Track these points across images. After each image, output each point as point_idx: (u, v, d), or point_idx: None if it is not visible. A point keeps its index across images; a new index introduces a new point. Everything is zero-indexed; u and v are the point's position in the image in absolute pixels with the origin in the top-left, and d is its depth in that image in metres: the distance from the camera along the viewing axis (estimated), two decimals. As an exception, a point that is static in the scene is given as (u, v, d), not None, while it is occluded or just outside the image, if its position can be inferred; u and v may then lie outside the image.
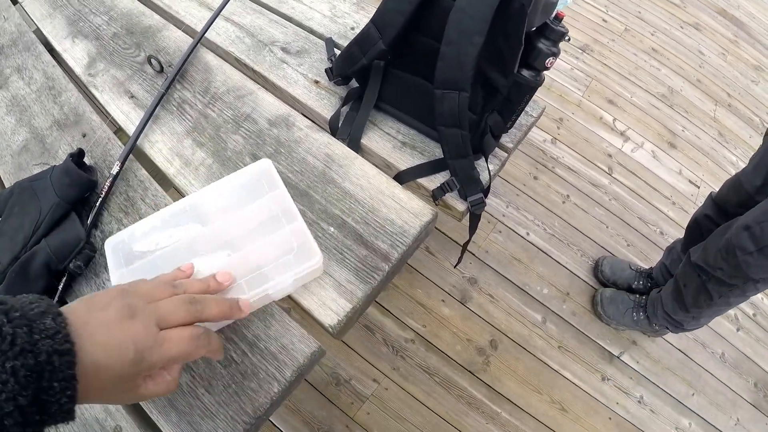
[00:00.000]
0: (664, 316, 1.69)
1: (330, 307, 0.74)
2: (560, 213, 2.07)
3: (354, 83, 1.36)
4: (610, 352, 1.84)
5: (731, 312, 1.97)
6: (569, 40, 1.12)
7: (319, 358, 0.73)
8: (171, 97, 0.99)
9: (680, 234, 2.07)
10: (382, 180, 0.84)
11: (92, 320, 0.48)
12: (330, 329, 0.73)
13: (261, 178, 0.80)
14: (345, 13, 1.53)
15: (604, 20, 2.87)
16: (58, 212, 0.81)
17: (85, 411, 0.71)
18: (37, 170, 0.93)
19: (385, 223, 0.80)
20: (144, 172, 0.88)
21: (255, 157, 0.85)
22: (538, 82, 1.11)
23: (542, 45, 1.07)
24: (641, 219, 2.13)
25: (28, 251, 0.77)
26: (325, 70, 1.30)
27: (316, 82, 1.30)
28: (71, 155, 0.86)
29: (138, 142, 0.91)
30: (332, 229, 0.79)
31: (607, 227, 2.07)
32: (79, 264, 0.78)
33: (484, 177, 1.18)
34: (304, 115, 0.94)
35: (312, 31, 1.50)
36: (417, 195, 0.86)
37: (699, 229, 1.65)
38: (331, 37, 1.44)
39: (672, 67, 2.69)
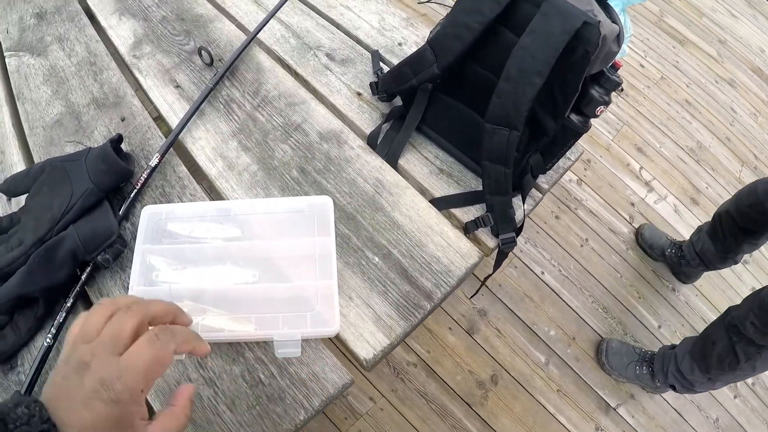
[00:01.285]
0: (676, 374, 1.68)
1: (367, 340, 0.72)
2: (577, 256, 2.06)
3: (397, 101, 1.34)
4: (607, 402, 1.83)
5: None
6: (623, 90, 1.11)
7: (346, 389, 0.72)
8: (219, 93, 0.97)
9: (694, 295, 2.08)
10: (431, 214, 0.82)
11: (60, 393, 0.44)
12: (364, 363, 0.71)
13: (315, 216, 0.79)
14: (393, 27, 1.52)
15: (641, 65, 2.87)
16: (90, 199, 0.78)
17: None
18: (69, 148, 0.91)
19: (431, 260, 0.79)
20: (183, 168, 0.86)
21: (303, 171, 0.84)
22: (585, 129, 1.10)
23: (595, 92, 1.06)
24: (655, 272, 2.12)
25: (55, 236, 0.75)
26: (370, 84, 1.28)
27: (359, 94, 1.28)
28: (111, 141, 0.84)
29: (180, 136, 0.90)
30: (377, 259, 0.78)
31: (621, 276, 2.07)
32: (107, 257, 0.75)
33: (517, 216, 1.17)
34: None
35: (359, 41, 1.48)
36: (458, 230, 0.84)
37: (720, 220, 1.83)
38: (378, 50, 1.42)
39: (703, 121, 2.69)
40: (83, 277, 0.75)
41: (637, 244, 2.16)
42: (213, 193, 0.83)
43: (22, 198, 0.84)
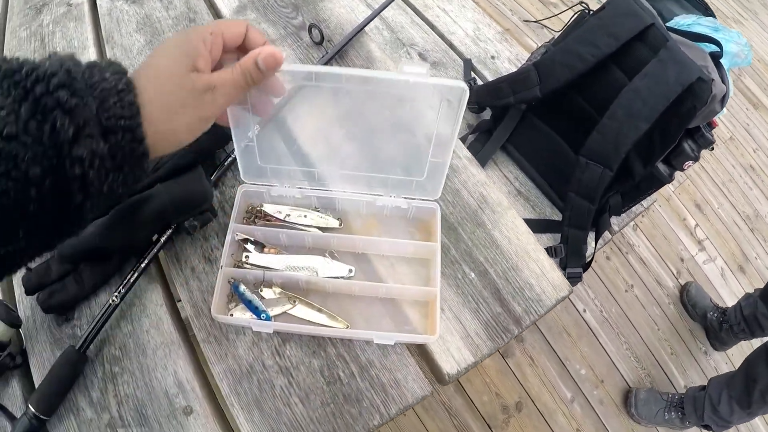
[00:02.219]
0: (713, 416, 1.63)
1: (453, 354, 0.67)
2: (620, 300, 1.99)
3: (485, 114, 1.30)
4: (621, 452, 1.76)
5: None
6: (713, 150, 1.06)
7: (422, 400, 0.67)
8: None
9: (724, 362, 2.02)
10: (530, 240, 0.77)
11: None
12: (446, 377, 0.67)
13: (420, 220, 0.75)
14: (488, 39, 1.47)
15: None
16: (184, 160, 0.72)
17: (156, 383, 0.65)
18: None
19: (524, 285, 0.73)
20: (282, 145, 0.81)
21: (408, 172, 0.78)
22: (669, 180, 1.06)
23: (688, 146, 1.02)
24: (691, 332, 2.04)
25: (140, 193, 0.69)
26: (461, 93, 1.24)
27: (448, 101, 1.23)
28: None
29: (281, 111, 0.84)
30: (473, 275, 0.73)
31: (658, 329, 1.99)
32: (194, 224, 0.70)
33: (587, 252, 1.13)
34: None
35: (452, 46, 1.43)
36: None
37: None
38: (470, 59, 1.38)
39: (764, 189, 2.58)
40: (162, 239, 0.70)
41: (680, 301, 2.07)
42: (310, 172, 0.78)
43: None
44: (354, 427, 0.63)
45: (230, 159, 0.78)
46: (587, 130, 1.01)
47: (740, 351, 2.02)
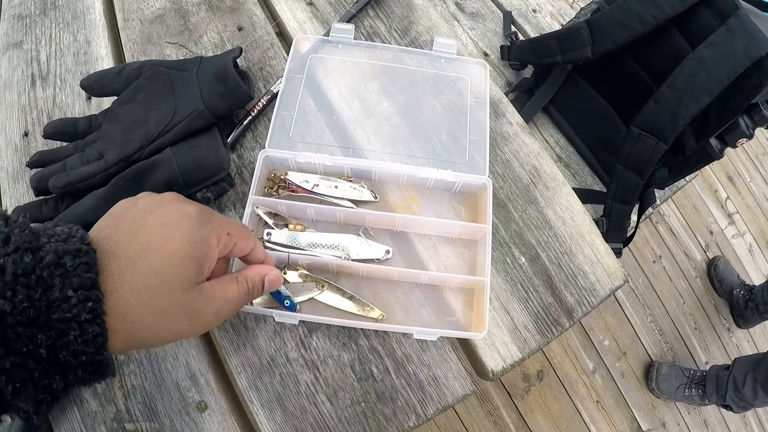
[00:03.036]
0: (734, 397, 1.57)
1: (498, 349, 0.58)
2: (648, 271, 1.90)
3: (526, 72, 1.18)
4: (639, 425, 1.72)
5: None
6: None
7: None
8: (361, 22, 0.80)
9: (746, 340, 1.98)
10: (585, 221, 0.66)
11: (117, 221, 0.36)
12: (490, 374, 0.58)
13: (468, 196, 0.64)
14: (529, -9, 1.32)
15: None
16: (197, 122, 0.61)
17: (166, 374, 0.56)
18: (171, 51, 0.75)
19: (578, 273, 0.63)
20: (311, 101, 0.70)
21: (454, 138, 0.67)
22: (720, 156, 0.96)
23: (743, 123, 0.92)
24: (716, 308, 1.95)
25: (146, 157, 0.59)
26: (501, 47, 1.12)
27: (486, 54, 1.11)
28: (233, 57, 0.66)
29: (308, 64, 0.73)
30: (523, 259, 0.63)
31: (684, 303, 1.90)
32: (208, 196, 0.60)
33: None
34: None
35: (492, -3, 1.29)
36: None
37: None
38: (510, 12, 1.25)
39: (797, 163, 2.44)
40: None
41: (707, 275, 1.97)
42: (343, 137, 0.67)
43: (105, 100, 0.68)
44: (387, 429, 0.55)
45: (250, 117, 0.67)
46: (639, 99, 0.90)
47: (763, 330, 1.96)
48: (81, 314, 0.29)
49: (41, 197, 0.62)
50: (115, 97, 0.65)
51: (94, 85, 0.66)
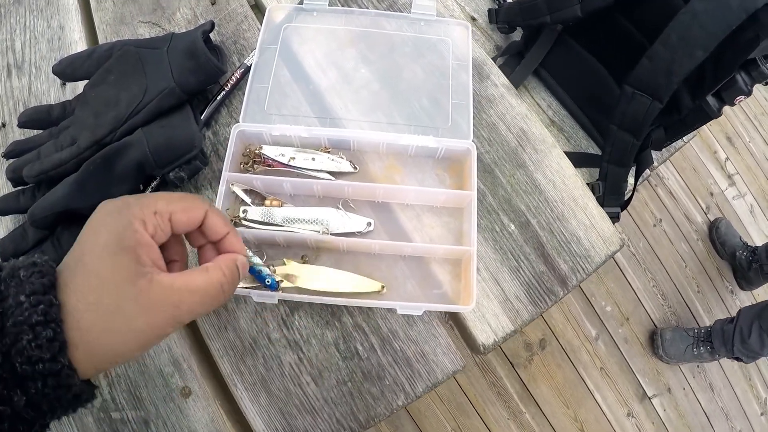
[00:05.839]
0: (742, 348, 1.53)
1: (489, 322, 0.55)
2: (648, 235, 1.84)
3: (516, 35, 1.13)
4: (644, 390, 1.68)
5: (763, 395, 1.80)
6: (767, 84, 0.90)
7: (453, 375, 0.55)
8: (336, -12, 0.75)
9: (750, 302, 1.90)
10: (577, 184, 0.62)
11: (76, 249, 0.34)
12: (481, 347, 0.54)
13: (451, 162, 0.60)
14: (517, -51, 1.26)
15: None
16: (168, 100, 0.58)
17: (149, 361, 0.54)
18: (144, 30, 0.71)
19: (571, 239, 0.60)
20: (286, 72, 0.65)
21: (436, 103, 0.63)
22: (717, 115, 0.92)
23: (741, 79, 0.87)
24: (718, 270, 1.90)
25: (117, 139, 0.56)
26: (489, 10, 1.07)
27: (473, 19, 1.06)
28: (204, 31, 0.63)
29: (282, 34, 0.68)
30: (513, 226, 0.59)
31: (685, 266, 1.85)
32: (181, 175, 0.57)
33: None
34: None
35: (478, -43, 1.23)
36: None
37: None
38: (498, -28, 1.19)
39: (797, 120, 2.37)
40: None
41: (708, 238, 1.92)
42: (320, 108, 0.62)
43: (80, 85, 0.64)
44: (375, 408, 0.52)
45: (223, 93, 0.63)
46: (632, 57, 0.86)
47: (767, 291, 1.90)
48: (32, 317, 0.28)
49: (19, 188, 0.59)
50: (86, 81, 0.62)
51: (65, 70, 0.63)
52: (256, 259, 0.47)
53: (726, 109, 0.90)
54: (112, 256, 0.32)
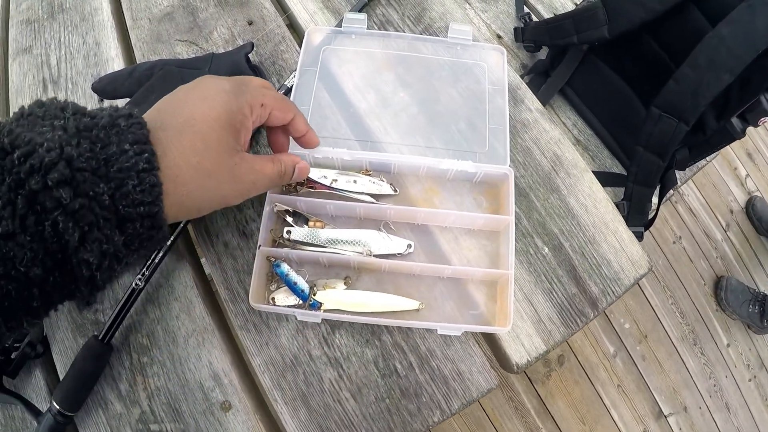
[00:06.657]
0: None
1: (523, 342, 0.57)
2: (668, 252, 1.86)
3: (541, 54, 1.15)
4: (660, 408, 1.69)
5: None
6: None
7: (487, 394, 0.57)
8: (373, 11, 0.77)
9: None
10: (608, 208, 0.64)
11: (167, 103, 0.39)
12: (515, 367, 0.56)
13: (489, 186, 0.62)
14: (544, -27, 1.29)
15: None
16: None
17: (189, 375, 0.56)
18: (181, 48, 0.74)
19: (602, 262, 0.61)
20: (325, 95, 0.68)
21: (473, 127, 0.65)
22: (742, 135, 0.93)
23: (765, 101, 0.88)
24: (737, 287, 1.91)
25: None
26: (515, 29, 1.09)
27: (499, 37, 1.09)
28: (246, 52, 0.65)
29: (321, 56, 0.71)
30: (546, 249, 0.61)
31: (704, 284, 1.86)
32: None
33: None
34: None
35: (503, -24, 1.26)
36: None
37: None
38: (524, -7, 1.22)
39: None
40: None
41: (745, 215, 2.02)
42: (360, 130, 0.65)
43: (119, 103, 0.67)
44: (411, 425, 0.54)
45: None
46: (659, 79, 0.88)
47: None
48: (138, 164, 0.31)
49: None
50: (128, 99, 0.64)
51: (106, 88, 0.66)
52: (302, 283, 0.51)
53: (748, 128, 0.92)
54: (220, 129, 0.37)
